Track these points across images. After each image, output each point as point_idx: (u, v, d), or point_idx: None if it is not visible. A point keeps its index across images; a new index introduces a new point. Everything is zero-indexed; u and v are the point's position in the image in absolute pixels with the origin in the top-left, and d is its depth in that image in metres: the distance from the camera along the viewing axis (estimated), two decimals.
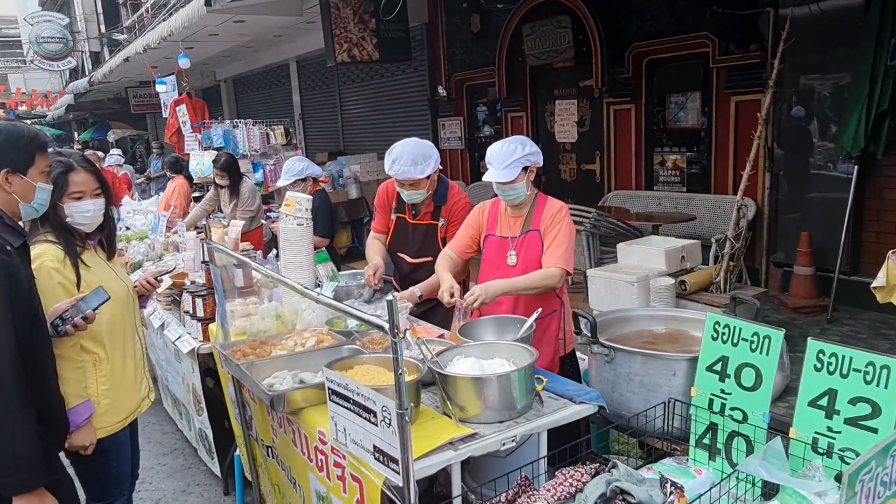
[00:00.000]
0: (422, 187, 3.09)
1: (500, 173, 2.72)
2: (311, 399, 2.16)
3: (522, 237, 2.86)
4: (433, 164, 3.07)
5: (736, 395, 2.02)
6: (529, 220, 2.87)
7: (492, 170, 2.75)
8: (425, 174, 3.03)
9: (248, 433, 2.89)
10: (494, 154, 2.76)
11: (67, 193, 2.27)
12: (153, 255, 4.93)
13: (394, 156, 3.01)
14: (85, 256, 2.35)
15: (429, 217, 3.26)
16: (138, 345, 2.55)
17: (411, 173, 3.00)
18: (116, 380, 2.39)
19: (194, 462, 3.89)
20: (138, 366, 2.53)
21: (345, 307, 1.66)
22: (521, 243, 2.86)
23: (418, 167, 3.00)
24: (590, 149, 7.51)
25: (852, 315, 5.19)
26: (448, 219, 3.23)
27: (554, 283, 2.74)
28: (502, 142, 2.80)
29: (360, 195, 9.07)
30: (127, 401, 2.45)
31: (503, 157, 2.73)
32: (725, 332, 2.06)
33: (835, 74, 5.28)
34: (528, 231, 2.86)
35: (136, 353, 2.52)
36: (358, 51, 7.48)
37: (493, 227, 2.95)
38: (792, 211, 5.74)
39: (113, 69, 13.00)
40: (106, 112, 22.58)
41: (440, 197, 3.23)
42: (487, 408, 2.00)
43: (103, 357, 2.35)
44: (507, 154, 2.74)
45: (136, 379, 2.50)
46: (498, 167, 2.73)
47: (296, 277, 3.19)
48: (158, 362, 4.24)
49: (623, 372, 2.32)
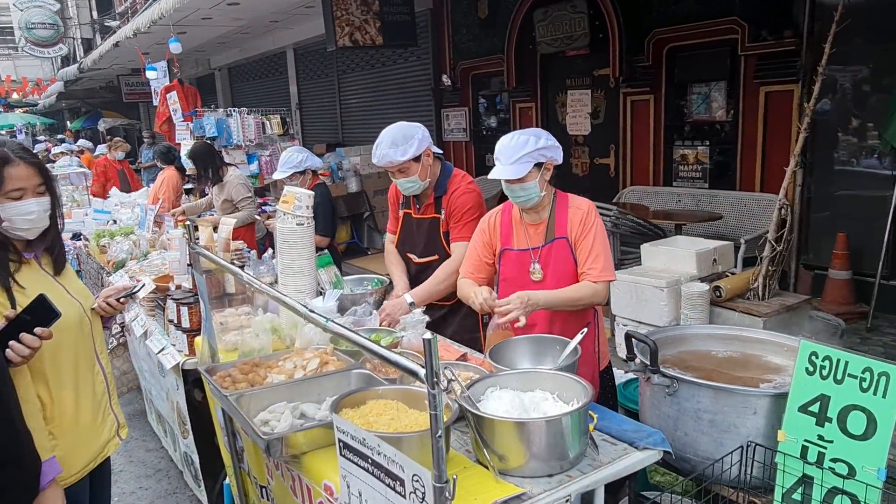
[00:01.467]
0: (412, 173, 2.78)
1: (508, 170, 2.31)
2: (316, 441, 1.78)
3: (547, 247, 2.44)
4: (417, 144, 2.72)
5: (839, 444, 1.65)
6: (552, 226, 2.44)
7: (499, 166, 2.35)
8: (407, 156, 2.71)
9: (240, 465, 2.50)
10: (503, 148, 2.36)
11: (3, 192, 1.83)
12: (138, 253, 4.53)
13: (376, 143, 2.75)
14: (21, 275, 1.89)
15: (431, 210, 2.94)
16: (99, 376, 2.11)
17: (391, 156, 2.70)
18: (67, 426, 1.95)
19: (180, 486, 3.50)
20: (99, 403, 2.09)
21: (367, 343, 1.27)
22: (547, 255, 2.44)
23: (399, 149, 2.70)
24: (604, 142, 7.11)
25: (892, 323, 4.83)
26: (447, 210, 2.87)
27: (601, 300, 2.37)
28: (512, 134, 2.39)
29: (361, 189, 8.68)
30: (82, 451, 2.01)
31: (512, 151, 2.32)
32: (825, 365, 1.68)
33: (875, 64, 4.90)
34: (554, 240, 2.43)
35: (94, 389, 2.07)
36: (360, 35, 7.06)
37: (509, 240, 2.51)
38: (825, 210, 5.37)
39: (103, 55, 12.52)
40: (98, 101, 22.05)
41: (441, 186, 2.91)
42: (534, 458, 1.62)
43: (47, 400, 1.91)
44: (516, 147, 2.32)
45: (95, 421, 2.07)
46: (506, 162, 2.33)
47: (295, 284, 2.80)
48: (142, 372, 3.85)
49: (689, 408, 1.93)
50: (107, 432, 2.16)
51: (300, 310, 1.48)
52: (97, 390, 2.13)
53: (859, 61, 4.95)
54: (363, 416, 1.68)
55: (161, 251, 4.55)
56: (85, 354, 2.07)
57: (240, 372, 2.12)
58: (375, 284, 3.11)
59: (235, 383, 2.06)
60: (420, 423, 1.66)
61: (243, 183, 5.39)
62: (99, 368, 2.15)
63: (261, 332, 2.39)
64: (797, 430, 1.72)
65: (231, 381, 2.07)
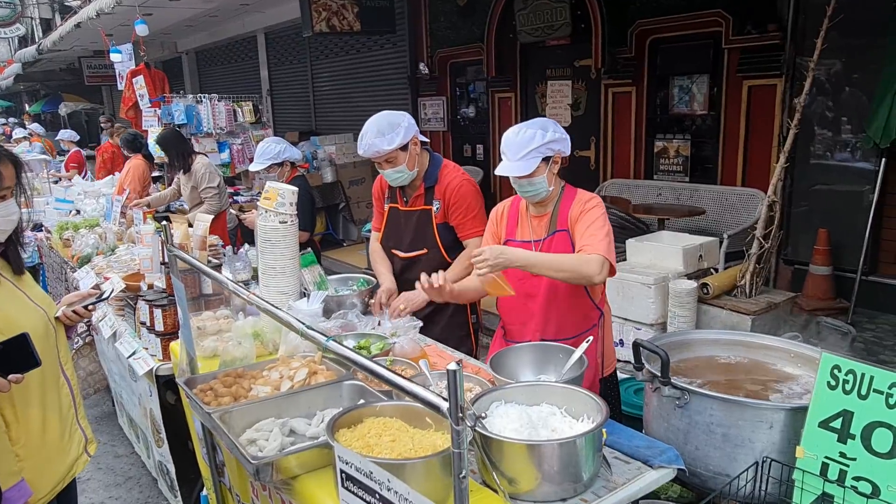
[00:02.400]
0: (399, 162, 2.70)
1: (516, 165, 2.24)
2: (310, 464, 1.65)
3: (548, 240, 2.37)
4: (403, 132, 2.65)
5: (863, 462, 1.57)
6: (555, 218, 2.37)
7: (505, 161, 2.29)
8: (393, 145, 2.64)
9: (220, 480, 2.36)
10: (509, 141, 2.29)
11: None
12: (105, 247, 4.30)
13: (361, 133, 2.68)
14: None
15: (421, 202, 2.85)
16: (65, 389, 1.95)
17: (378, 146, 2.63)
18: (33, 446, 1.79)
19: (153, 496, 3.32)
20: (66, 419, 1.93)
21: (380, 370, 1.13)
22: (547, 248, 2.36)
23: (385, 137, 2.62)
24: (584, 134, 7.03)
25: (871, 318, 4.86)
26: (444, 201, 2.79)
27: (591, 272, 2.15)
28: (518, 127, 2.31)
29: (336, 179, 8.47)
30: (50, 471, 1.86)
31: (519, 146, 2.25)
32: (849, 379, 1.60)
33: (857, 60, 4.89)
34: (555, 232, 2.36)
35: (60, 404, 1.91)
36: (337, 20, 6.83)
37: (514, 231, 2.46)
38: (806, 205, 5.38)
39: (63, 36, 11.99)
40: (58, 83, 21.22)
41: (431, 177, 2.83)
42: (546, 481, 1.52)
43: (11, 419, 1.74)
44: (524, 142, 2.25)
45: (63, 438, 1.91)
46: (513, 157, 2.26)
47: (278, 286, 2.65)
48: (111, 374, 3.65)
49: (700, 421, 1.85)
50: (75, 449, 2.00)
51: (297, 327, 1.35)
52: (63, 405, 1.96)
53: (841, 57, 4.94)
54: (362, 438, 1.56)
55: (129, 245, 4.33)
56: (50, 367, 1.90)
57: (222, 384, 1.96)
58: (361, 284, 2.98)
59: (218, 397, 1.91)
60: (423, 444, 1.55)
61: (211, 172, 5.16)
62: (64, 381, 1.98)
63: (243, 340, 2.24)
64: (817, 447, 1.64)
65: (213, 395, 1.91)
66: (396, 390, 1.07)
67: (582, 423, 1.67)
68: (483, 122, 8.24)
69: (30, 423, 1.79)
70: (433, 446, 1.53)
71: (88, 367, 3.98)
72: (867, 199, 4.89)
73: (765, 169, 5.47)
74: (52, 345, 1.89)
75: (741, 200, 5.58)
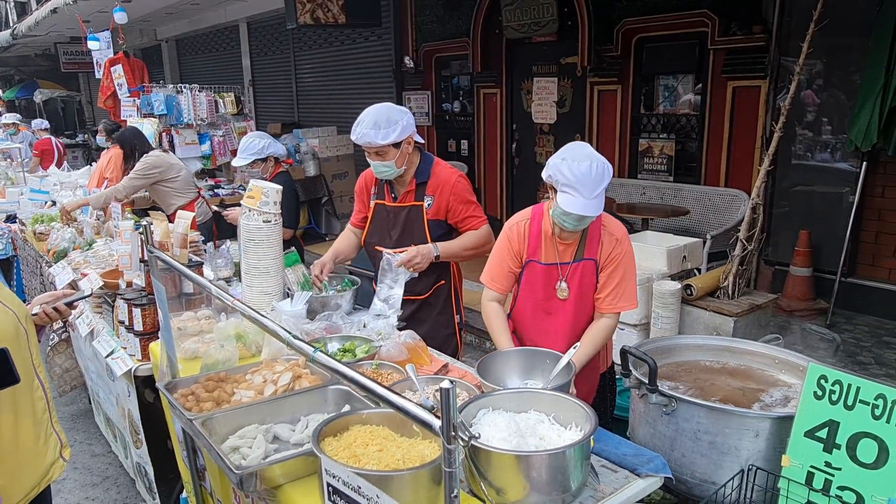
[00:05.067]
0: (388, 158, 2.65)
1: (591, 204, 2.06)
2: (295, 472, 1.62)
3: (575, 265, 2.30)
4: (400, 129, 2.60)
5: (848, 472, 1.58)
6: (583, 244, 2.30)
7: (579, 198, 2.05)
8: (388, 140, 2.59)
9: (201, 483, 2.32)
10: (583, 178, 2.04)
11: None
12: (82, 242, 4.20)
13: (358, 119, 2.64)
14: None
15: (411, 198, 2.80)
16: (38, 392, 1.89)
17: (371, 137, 2.58)
18: (6, 452, 1.74)
19: (130, 496, 3.26)
20: (40, 422, 1.88)
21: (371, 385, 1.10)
22: (574, 273, 2.31)
23: (380, 131, 2.58)
24: (569, 131, 7.02)
25: (849, 319, 4.93)
26: (436, 197, 2.76)
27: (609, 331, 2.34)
28: (589, 161, 2.07)
29: (319, 172, 8.39)
30: (25, 477, 1.80)
31: (594, 183, 2.05)
32: (835, 389, 1.61)
33: (842, 62, 4.94)
34: (583, 260, 2.30)
35: (34, 408, 1.86)
36: (322, 12, 6.74)
37: (536, 252, 2.35)
38: (787, 206, 5.43)
39: (39, 21, 11.70)
40: (33, 69, 20.73)
41: (423, 173, 2.78)
42: (535, 491, 1.50)
43: None
44: (597, 180, 2.06)
45: (38, 443, 1.85)
46: (588, 196, 2.05)
47: (261, 286, 2.60)
48: (87, 372, 3.58)
49: (687, 428, 1.85)
50: (51, 454, 1.94)
51: (283, 336, 1.31)
52: (37, 408, 1.91)
53: (823, 59, 4.98)
54: (348, 448, 1.53)
55: (107, 239, 4.24)
56: (23, 370, 1.84)
57: (204, 389, 1.92)
58: (346, 284, 2.94)
59: (200, 402, 1.87)
60: (411, 454, 1.52)
61: (146, 162, 4.94)
62: (38, 384, 1.93)
63: (225, 342, 2.19)
64: (803, 456, 1.65)
65: (195, 400, 1.87)
66: (387, 404, 1.04)
67: (570, 432, 1.66)
68: (468, 118, 8.21)
69: (2, 428, 1.73)
70: (421, 456, 1.50)
71: (64, 363, 3.90)
72: (847, 201, 4.95)
73: (747, 170, 5.52)
74: (23, 346, 1.84)
75: (724, 201, 5.62)
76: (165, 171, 5.03)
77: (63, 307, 1.96)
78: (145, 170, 4.94)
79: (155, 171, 4.97)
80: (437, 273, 2.86)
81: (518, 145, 7.67)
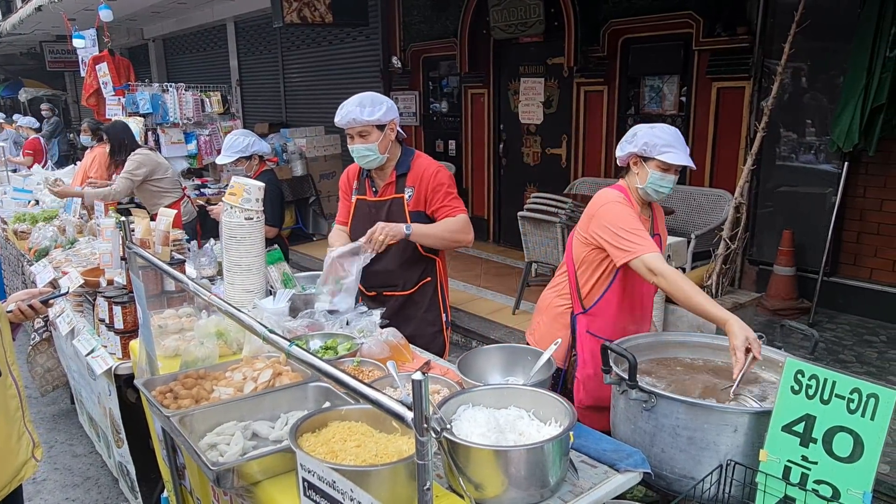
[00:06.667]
0: (372, 140, 2.64)
1: (689, 158, 2.34)
2: (272, 469, 1.61)
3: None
4: (385, 110, 2.63)
5: (824, 466, 1.59)
6: (653, 221, 2.53)
7: (679, 153, 2.30)
8: (373, 117, 2.60)
9: (181, 482, 2.30)
10: (676, 135, 2.33)
11: None
12: (64, 240, 4.16)
13: (342, 104, 2.66)
14: None
15: (392, 190, 2.78)
16: (12, 390, 1.87)
17: (356, 114, 2.58)
18: None
19: (112, 496, 3.23)
20: (13, 421, 1.86)
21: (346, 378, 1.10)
22: None
23: (365, 109, 2.59)
24: (556, 132, 7.05)
25: (831, 318, 4.98)
26: (417, 187, 2.75)
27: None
28: (670, 126, 2.37)
29: (306, 172, 8.36)
30: None
31: (684, 141, 2.36)
32: (812, 384, 1.62)
33: (822, 63, 4.99)
34: (654, 236, 2.47)
35: (7, 406, 1.84)
36: (309, 11, 6.72)
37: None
38: (771, 206, 5.48)
39: (24, 19, 11.58)
40: (18, 68, 20.52)
41: (403, 165, 2.78)
42: (513, 487, 1.50)
43: None
44: (682, 138, 2.36)
45: (10, 441, 1.83)
46: (685, 150, 2.33)
47: (243, 283, 2.59)
48: (70, 371, 3.54)
49: (666, 424, 1.85)
50: (23, 453, 1.92)
51: (259, 331, 1.31)
52: (10, 407, 1.89)
53: (807, 60, 5.03)
54: (326, 443, 1.52)
55: (90, 238, 4.20)
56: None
57: (182, 386, 1.91)
58: None
59: (178, 399, 1.85)
60: (389, 450, 1.52)
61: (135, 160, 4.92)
62: (11, 381, 1.91)
63: (205, 340, 2.18)
64: (780, 450, 1.66)
65: (173, 397, 1.86)
66: (361, 398, 1.04)
67: (550, 427, 1.66)
68: (456, 118, 8.21)
69: None
70: (399, 452, 1.50)
71: (46, 363, 3.86)
72: (830, 201, 5.00)
73: (732, 170, 5.56)
74: None
75: (709, 201, 5.65)
76: (154, 170, 5.00)
77: (39, 305, 1.94)
78: (136, 168, 4.91)
79: (144, 169, 4.95)
80: (423, 269, 2.86)
81: (505, 146, 7.68)
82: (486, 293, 6.14)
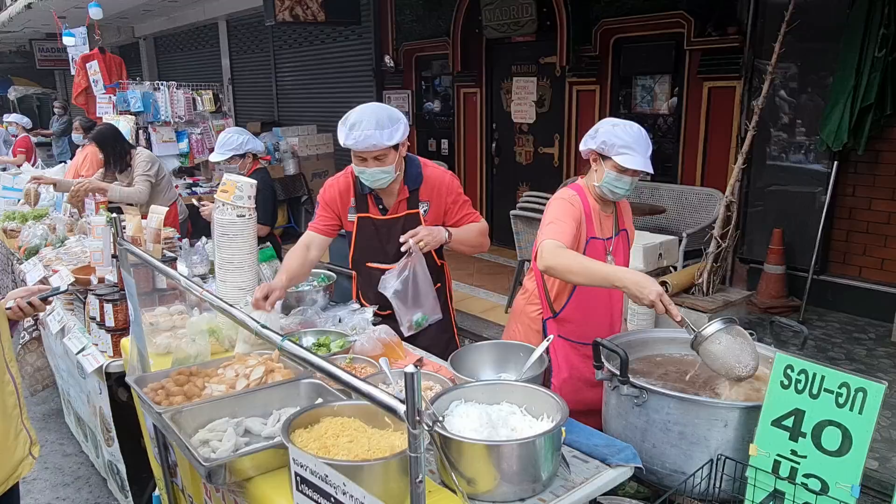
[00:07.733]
0: (389, 162, 2.38)
1: (648, 162, 2.22)
2: (265, 465, 1.60)
3: (617, 238, 2.44)
4: (402, 129, 2.39)
5: (813, 460, 1.61)
6: (618, 217, 2.47)
7: (637, 156, 2.20)
8: (393, 140, 2.34)
9: (172, 480, 2.29)
10: (638, 138, 2.22)
11: None
12: (54, 239, 4.14)
13: (351, 120, 2.33)
14: None
15: (405, 207, 2.55)
16: (9, 387, 1.87)
17: (376, 139, 2.30)
18: None
19: (102, 496, 3.22)
20: (11, 418, 1.86)
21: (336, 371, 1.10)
22: (618, 246, 2.45)
23: (385, 131, 2.31)
24: (548, 131, 7.07)
25: (821, 316, 5.02)
26: (432, 202, 2.55)
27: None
28: (634, 124, 2.27)
29: (298, 171, 8.34)
30: None
31: (647, 143, 2.24)
32: (801, 379, 1.63)
33: (812, 63, 5.02)
34: (620, 232, 2.46)
35: (5, 403, 1.84)
36: (301, 10, 6.71)
37: (594, 230, 2.37)
38: (761, 205, 5.51)
39: (13, 17, 11.50)
40: (7, 66, 20.36)
41: (413, 178, 2.54)
42: (505, 481, 1.51)
43: None
44: (647, 141, 2.25)
45: (7, 438, 1.84)
46: (644, 154, 2.21)
47: (235, 281, 2.58)
48: (58, 371, 3.52)
49: (657, 419, 1.87)
50: (20, 451, 1.92)
51: (251, 325, 1.30)
52: (8, 404, 1.88)
53: (796, 60, 5.06)
54: (319, 439, 1.52)
55: (80, 236, 4.18)
56: None
57: (174, 383, 1.90)
58: (322, 280, 2.93)
59: (170, 396, 1.85)
60: (382, 445, 1.52)
61: (146, 160, 4.89)
62: (9, 378, 1.90)
63: (197, 336, 2.17)
64: (770, 445, 1.67)
65: (165, 394, 1.85)
66: (351, 389, 1.04)
67: (542, 422, 1.67)
68: (448, 117, 8.21)
69: None
70: (391, 447, 1.50)
71: (36, 362, 3.84)
72: (820, 200, 5.04)
73: (723, 169, 5.59)
74: None
75: (700, 200, 5.68)
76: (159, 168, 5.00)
77: (38, 302, 1.93)
78: (149, 168, 4.85)
79: (155, 166, 4.92)
80: (435, 275, 2.65)
81: (498, 145, 7.70)
82: (478, 292, 6.15)
